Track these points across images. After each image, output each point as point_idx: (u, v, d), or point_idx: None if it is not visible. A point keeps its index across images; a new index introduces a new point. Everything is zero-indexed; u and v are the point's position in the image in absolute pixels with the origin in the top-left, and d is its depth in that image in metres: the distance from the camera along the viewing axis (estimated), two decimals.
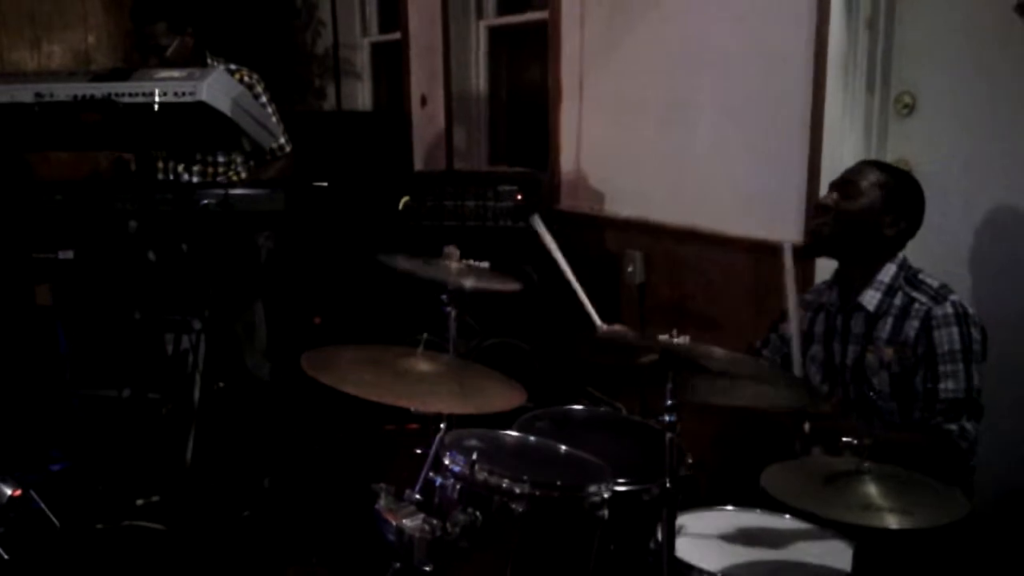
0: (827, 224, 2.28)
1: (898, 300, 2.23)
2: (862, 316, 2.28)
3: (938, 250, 2.36)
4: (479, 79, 4.95)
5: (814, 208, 2.32)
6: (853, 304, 2.29)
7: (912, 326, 2.19)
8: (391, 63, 5.61)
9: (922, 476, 1.76)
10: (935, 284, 2.23)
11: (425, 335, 2.11)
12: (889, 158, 2.89)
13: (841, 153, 2.94)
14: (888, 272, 2.26)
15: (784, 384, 1.96)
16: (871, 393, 2.25)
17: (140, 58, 3.44)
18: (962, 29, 2.71)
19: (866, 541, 1.70)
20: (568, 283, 2.53)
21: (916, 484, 1.73)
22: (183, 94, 2.66)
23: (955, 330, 2.15)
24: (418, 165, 5.07)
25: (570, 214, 4.09)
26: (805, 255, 2.48)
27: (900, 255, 2.28)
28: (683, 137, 3.52)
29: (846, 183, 2.29)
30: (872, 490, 1.66)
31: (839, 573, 1.78)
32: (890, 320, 2.23)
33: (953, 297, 2.19)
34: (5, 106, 2.79)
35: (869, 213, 2.24)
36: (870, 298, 2.26)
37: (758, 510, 2.02)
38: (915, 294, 2.22)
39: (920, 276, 2.25)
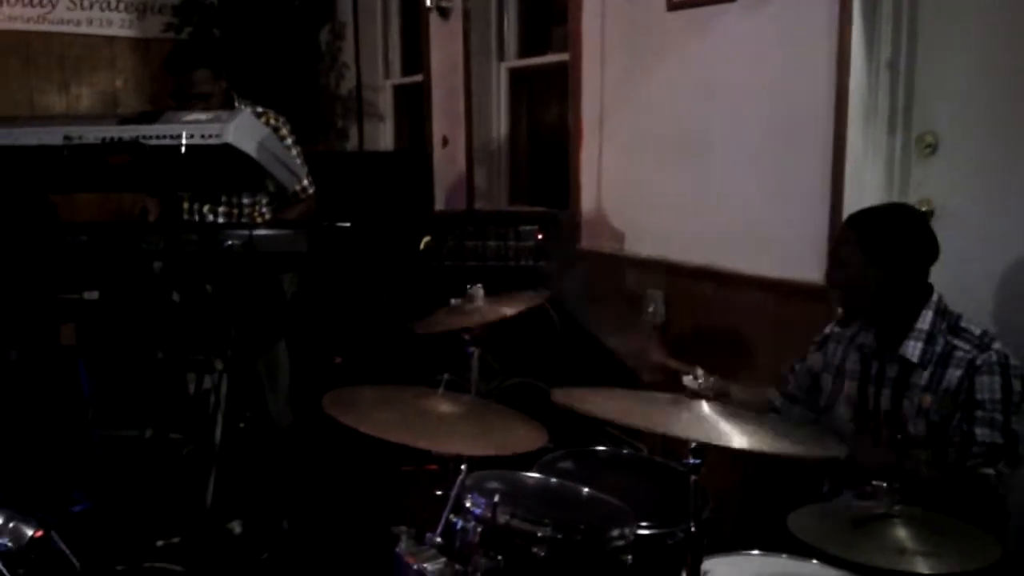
0: (836, 297, 2.31)
1: (939, 348, 2.19)
2: (899, 363, 2.24)
3: (960, 288, 2.33)
4: (500, 120, 5.00)
5: None
6: (893, 352, 2.25)
7: (954, 375, 2.15)
8: (413, 104, 5.68)
9: (953, 520, 1.73)
10: (977, 332, 2.18)
11: (446, 375, 2.10)
12: (912, 198, 2.89)
13: (863, 193, 2.93)
14: (926, 319, 2.21)
15: (803, 437, 1.94)
16: (898, 436, 2.22)
17: (178, 107, 3.48)
18: (983, 69, 2.71)
19: None
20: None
21: (947, 528, 1.71)
22: (209, 136, 2.69)
23: (997, 379, 2.12)
24: (439, 205, 5.10)
25: (591, 253, 4.09)
26: (843, 323, 2.44)
27: (935, 297, 2.23)
28: (702, 176, 3.52)
29: (831, 255, 2.31)
30: (902, 534, 1.64)
31: None
32: (930, 368, 2.19)
33: (996, 345, 2.15)
34: (34, 148, 2.83)
35: (858, 276, 2.23)
36: (912, 349, 2.20)
37: (784, 555, 1.99)
38: (957, 342, 2.17)
39: (962, 323, 2.20)
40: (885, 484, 1.75)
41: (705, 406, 1.77)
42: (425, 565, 1.79)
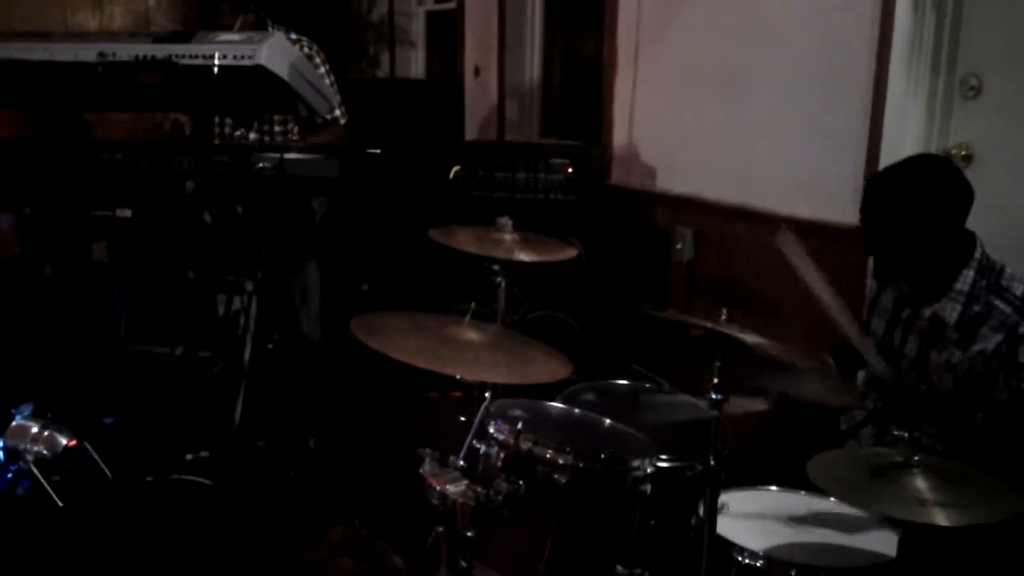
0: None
1: (977, 308, 2.10)
2: (932, 318, 2.17)
3: (1000, 233, 2.30)
4: (533, 50, 4.93)
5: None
6: (928, 305, 2.17)
7: (993, 338, 2.06)
8: (446, 32, 5.60)
9: (974, 470, 1.72)
10: (1020, 291, 2.08)
11: (473, 304, 2.11)
12: (952, 141, 2.84)
13: (903, 135, 2.89)
14: (966, 280, 2.11)
15: (828, 382, 1.93)
16: (922, 387, 2.19)
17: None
18: None
19: (912, 531, 1.68)
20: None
21: (967, 478, 1.68)
22: (242, 57, 2.68)
23: None
24: (470, 135, 5.07)
25: (621, 189, 4.07)
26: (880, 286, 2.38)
27: (977, 254, 2.12)
28: (738, 113, 3.47)
29: (861, 222, 2.22)
30: (921, 484, 1.62)
31: (883, 558, 1.77)
32: (964, 328, 2.11)
33: None
34: (69, 65, 2.83)
35: (888, 243, 2.16)
36: (949, 311, 2.12)
37: (802, 492, 2.01)
38: (998, 302, 2.07)
39: (1004, 280, 2.10)
40: (906, 433, 1.74)
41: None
42: (448, 487, 1.82)
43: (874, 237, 2.19)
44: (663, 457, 2.00)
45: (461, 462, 1.91)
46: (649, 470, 1.91)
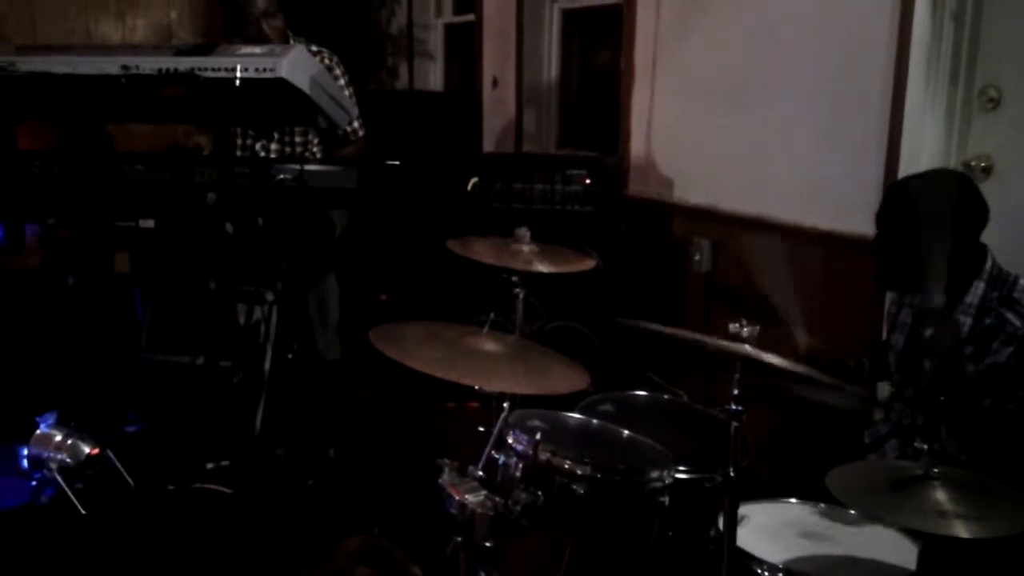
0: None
1: (989, 319, 2.11)
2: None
3: (1017, 246, 2.29)
4: (551, 62, 4.95)
5: None
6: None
7: (1004, 351, 2.07)
8: (464, 44, 5.63)
9: (994, 482, 1.71)
10: None
11: (492, 315, 2.12)
12: (971, 153, 2.83)
13: (920, 145, 2.88)
14: (977, 292, 2.12)
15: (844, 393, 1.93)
16: (941, 398, 2.18)
17: (243, 36, 3.43)
18: None
19: (932, 543, 1.67)
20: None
21: (988, 490, 1.67)
22: (264, 70, 2.70)
23: None
24: (487, 147, 5.09)
25: (638, 200, 4.07)
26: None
27: (987, 266, 2.13)
28: (756, 124, 3.47)
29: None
30: (941, 496, 1.61)
31: (903, 571, 1.76)
32: (976, 341, 2.12)
33: None
34: (92, 77, 2.87)
35: (898, 250, 2.17)
36: (961, 324, 2.12)
37: (822, 504, 2.00)
38: (1009, 315, 2.08)
39: (1016, 294, 2.10)
40: (926, 446, 1.73)
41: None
42: (467, 496, 1.83)
43: (886, 242, 2.19)
44: (681, 468, 2.00)
45: (480, 472, 1.92)
46: (667, 481, 1.91)
